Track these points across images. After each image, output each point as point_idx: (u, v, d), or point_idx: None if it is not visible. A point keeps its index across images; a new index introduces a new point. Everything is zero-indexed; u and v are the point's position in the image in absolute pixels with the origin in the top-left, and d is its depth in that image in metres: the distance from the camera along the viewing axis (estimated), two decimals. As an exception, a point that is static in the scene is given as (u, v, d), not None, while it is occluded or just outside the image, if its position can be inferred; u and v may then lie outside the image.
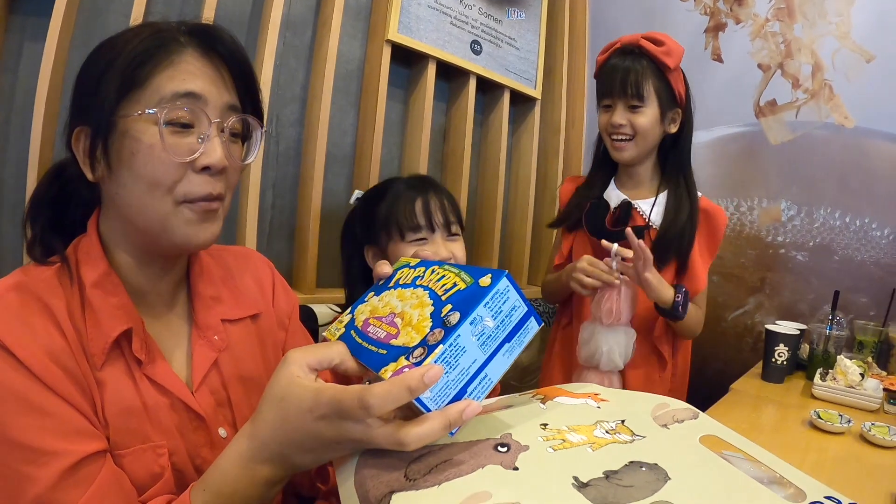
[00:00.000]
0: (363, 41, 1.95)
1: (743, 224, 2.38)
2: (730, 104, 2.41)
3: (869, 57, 2.15)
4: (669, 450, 0.58)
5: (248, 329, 0.92)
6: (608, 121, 1.59)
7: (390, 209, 1.28)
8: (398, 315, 0.65)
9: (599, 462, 0.54)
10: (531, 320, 0.61)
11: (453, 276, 0.65)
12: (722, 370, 2.31)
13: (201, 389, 0.82)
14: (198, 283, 0.88)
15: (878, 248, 2.15)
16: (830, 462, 1.26)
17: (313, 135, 1.75)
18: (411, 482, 0.53)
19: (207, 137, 0.74)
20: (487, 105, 2.41)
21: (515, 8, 2.34)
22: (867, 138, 2.17)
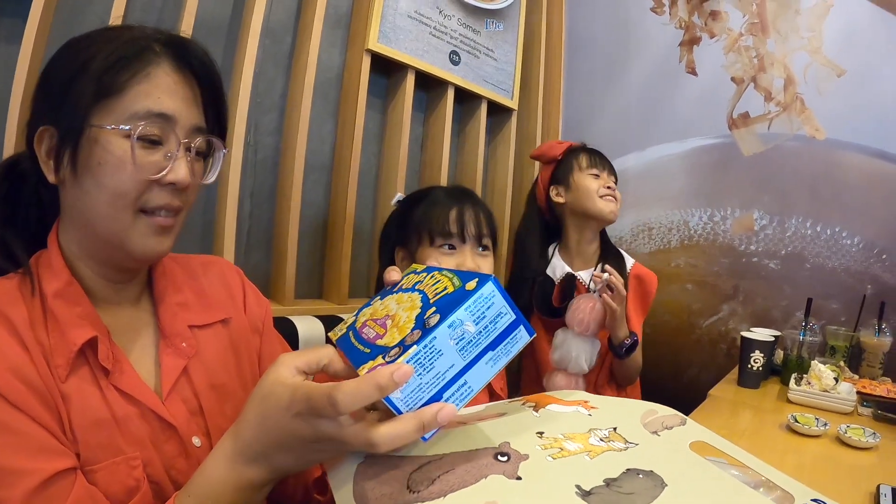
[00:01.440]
0: (342, 50, 1.95)
1: (716, 233, 2.43)
2: (703, 116, 2.46)
3: (840, 71, 2.22)
4: (662, 456, 0.59)
5: (218, 334, 0.91)
6: (602, 184, 1.87)
7: (426, 213, 1.31)
8: (391, 317, 0.65)
9: (598, 470, 0.55)
10: (520, 329, 0.59)
11: (446, 281, 0.64)
12: (697, 376, 2.36)
13: (172, 398, 0.81)
14: (162, 290, 0.88)
15: (849, 255, 2.21)
16: (810, 464, 1.29)
17: (292, 144, 1.75)
18: (415, 494, 0.53)
19: (175, 156, 0.76)
20: (465, 115, 2.43)
21: (494, 19, 2.37)
22: (837, 150, 2.24)
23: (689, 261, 2.48)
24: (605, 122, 2.70)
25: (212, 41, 1.63)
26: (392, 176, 2.05)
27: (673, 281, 2.50)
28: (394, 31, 1.96)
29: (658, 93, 2.57)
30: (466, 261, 1.28)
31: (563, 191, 1.90)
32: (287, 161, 1.76)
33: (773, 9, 2.32)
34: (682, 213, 2.49)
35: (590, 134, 2.65)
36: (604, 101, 2.71)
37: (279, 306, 1.70)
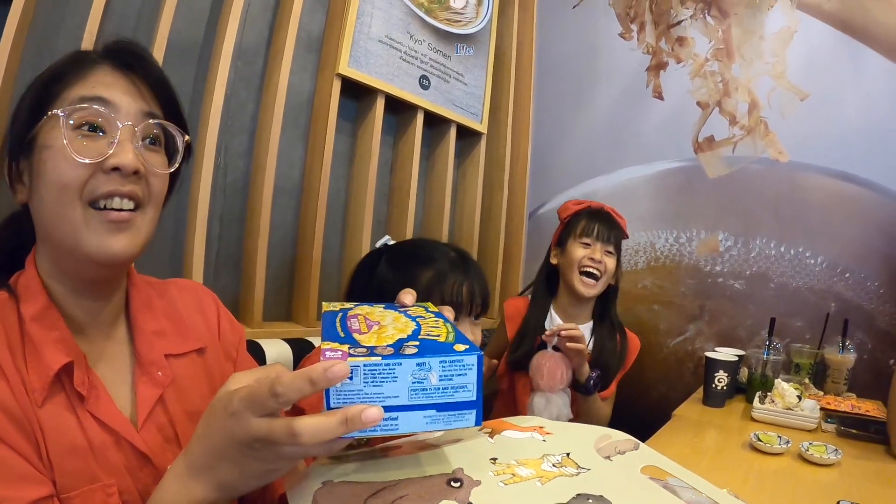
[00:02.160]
0: (313, 73, 2.00)
1: (682, 255, 2.50)
2: (669, 140, 2.54)
3: (803, 95, 2.31)
4: (613, 481, 0.62)
5: (193, 363, 0.91)
6: (588, 255, 1.88)
7: (437, 282, 1.30)
8: (380, 325, 0.68)
9: (549, 495, 0.58)
10: (472, 412, 0.59)
11: (444, 331, 0.67)
12: (665, 394, 2.41)
13: (147, 427, 0.81)
14: (138, 317, 0.88)
15: (812, 275, 2.29)
16: (771, 482, 1.32)
17: (262, 167, 1.78)
18: None
19: (118, 141, 0.75)
20: (434, 139, 2.48)
21: (464, 44, 2.43)
22: (800, 172, 2.32)
23: (656, 282, 2.55)
24: (573, 145, 2.77)
25: (184, 63, 1.68)
26: (361, 199, 2.09)
27: (640, 301, 2.56)
28: (364, 55, 2.01)
29: (625, 117, 2.65)
30: (465, 332, 1.30)
31: (559, 253, 1.96)
32: (256, 184, 1.79)
33: (738, 35, 2.42)
34: (649, 235, 2.56)
35: (559, 157, 2.74)
36: (573, 125, 2.78)
37: (248, 329, 1.71)
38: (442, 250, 1.40)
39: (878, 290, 2.19)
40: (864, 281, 2.22)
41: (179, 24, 1.61)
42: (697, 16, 2.50)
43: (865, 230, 2.22)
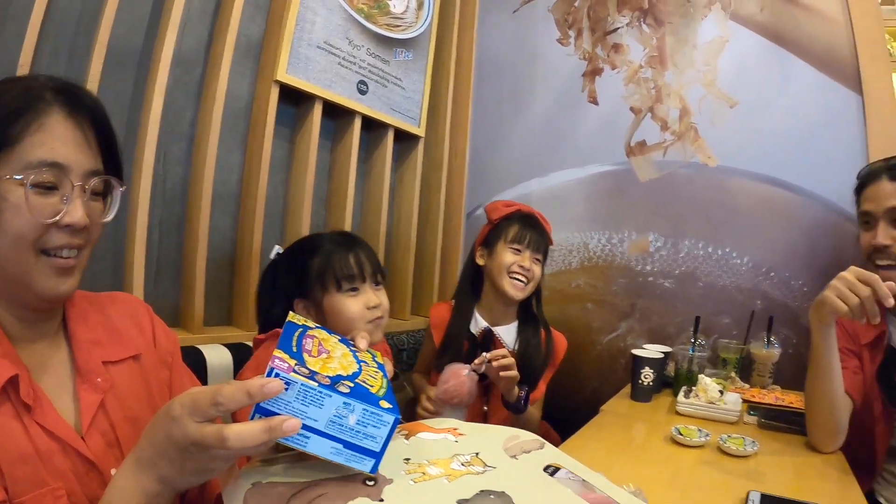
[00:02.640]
0: (252, 80, 2.04)
1: (614, 255, 2.63)
2: (603, 144, 2.66)
3: (732, 103, 2.45)
4: (516, 478, 0.72)
5: (131, 369, 0.98)
6: (518, 262, 1.96)
7: (326, 263, 1.45)
8: (329, 355, 0.77)
9: (454, 492, 0.67)
10: (371, 461, 0.69)
11: (378, 384, 0.76)
12: (599, 389, 2.52)
13: (91, 432, 0.87)
14: (75, 329, 0.94)
15: (738, 274, 2.44)
16: (688, 473, 1.40)
17: (200, 173, 1.82)
18: None
19: (70, 199, 0.83)
20: (372, 143, 2.54)
21: (403, 49, 2.50)
22: (728, 176, 2.47)
23: (589, 281, 2.67)
24: (510, 148, 2.87)
25: (123, 70, 1.71)
26: (299, 204, 2.14)
27: (574, 300, 2.69)
28: (303, 61, 2.06)
29: (561, 120, 2.76)
30: (371, 298, 1.46)
31: (486, 254, 2.03)
32: (195, 190, 1.83)
33: (672, 43, 2.55)
34: (582, 236, 2.68)
35: (496, 159, 2.83)
36: (510, 128, 2.88)
37: (188, 335, 1.77)
38: (326, 237, 1.54)
39: (801, 288, 2.35)
40: (789, 280, 2.37)
41: (119, 29, 1.64)
42: (633, 24, 2.62)
43: (790, 232, 2.38)
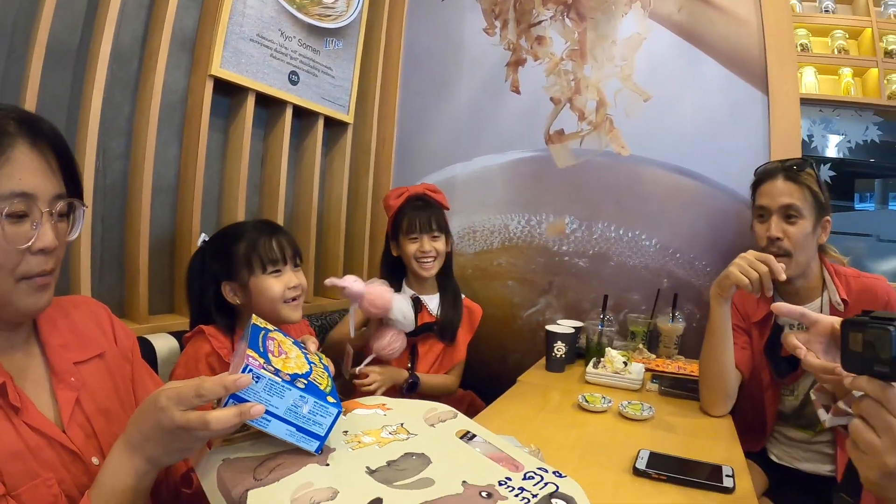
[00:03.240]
0: (187, 72, 2.11)
1: (533, 236, 2.86)
2: (523, 132, 2.87)
3: (646, 96, 2.69)
4: (433, 442, 0.91)
5: (97, 367, 1.11)
6: (418, 248, 2.19)
7: (252, 248, 1.64)
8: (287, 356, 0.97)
9: (384, 455, 0.86)
10: (317, 442, 0.88)
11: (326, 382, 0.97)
12: (520, 361, 2.72)
13: (71, 426, 1.00)
14: (46, 334, 1.06)
15: (647, 255, 2.71)
16: (591, 436, 1.59)
17: (139, 167, 1.90)
18: (259, 481, 0.79)
19: (40, 224, 0.93)
20: (303, 130, 2.66)
21: (334, 38, 2.60)
22: (640, 165, 2.72)
23: (510, 260, 2.90)
24: (436, 133, 3.03)
25: (61, 68, 1.75)
26: (234, 192, 2.25)
27: (496, 278, 2.91)
28: (236, 55, 2.15)
29: (485, 108, 2.94)
30: (291, 278, 1.67)
31: (396, 247, 2.26)
32: (135, 184, 1.91)
33: (593, 38, 2.76)
34: (503, 218, 2.90)
35: (423, 144, 3.00)
36: (436, 115, 3.03)
37: (135, 325, 1.87)
38: (250, 225, 1.74)
39: (705, 268, 2.63)
40: (693, 261, 2.65)
41: (56, 27, 1.67)
42: (557, 17, 2.81)
43: (695, 217, 2.65)
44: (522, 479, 0.81)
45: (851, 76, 2.87)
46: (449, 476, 0.80)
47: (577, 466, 1.39)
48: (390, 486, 0.77)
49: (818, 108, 2.85)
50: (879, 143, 2.83)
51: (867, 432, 0.80)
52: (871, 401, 0.80)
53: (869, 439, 0.79)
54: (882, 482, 0.80)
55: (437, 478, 0.80)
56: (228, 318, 1.67)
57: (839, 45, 2.91)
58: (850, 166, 2.99)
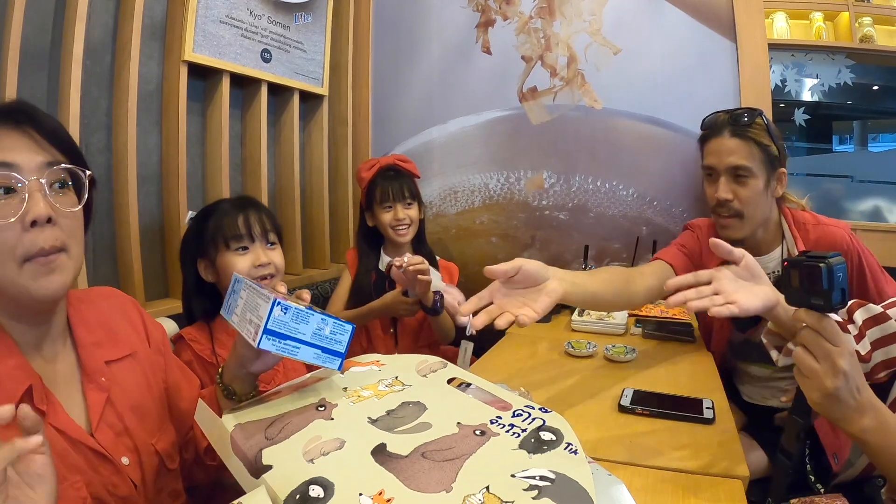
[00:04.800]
0: (160, 60, 2.15)
1: (512, 192, 2.98)
2: (497, 91, 2.95)
3: (616, 50, 2.78)
4: (427, 391, 0.99)
5: (130, 364, 1.11)
6: (393, 217, 2.29)
7: (217, 224, 1.62)
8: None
9: (383, 406, 0.94)
10: (339, 359, 0.99)
11: None
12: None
13: (100, 427, 1.00)
14: (79, 332, 1.05)
15: (625, 204, 2.83)
16: (577, 378, 1.68)
17: (122, 159, 1.96)
18: (270, 440, 0.82)
19: (29, 196, 0.88)
20: (279, 107, 2.73)
21: (302, 12, 2.65)
22: (613, 117, 2.83)
23: (492, 217, 3.02)
24: (410, 98, 3.10)
25: (35, 70, 1.78)
26: (216, 174, 2.33)
27: (479, 236, 3.03)
28: (206, 38, 2.20)
29: (457, 71, 3.02)
30: (260, 256, 1.62)
31: (371, 217, 2.36)
32: (120, 176, 1.98)
33: (561, -5, 2.81)
34: (483, 177, 3.00)
35: (398, 110, 3.08)
36: (409, 80, 3.10)
37: (133, 312, 1.96)
38: (226, 201, 1.73)
39: (681, 214, 2.76)
40: (670, 207, 2.77)
41: (26, 30, 1.68)
42: (524, -24, 2.86)
43: (670, 165, 2.76)
44: (512, 417, 0.90)
45: (822, 20, 2.91)
46: (444, 419, 0.88)
47: (565, 407, 1.46)
48: (392, 432, 0.85)
49: (790, 53, 2.92)
50: (853, 85, 2.90)
51: (808, 358, 0.92)
52: (809, 330, 0.92)
53: (810, 364, 0.92)
54: (824, 402, 0.92)
55: (434, 421, 0.88)
56: (208, 298, 1.67)
57: (810, -10, 2.96)
58: (826, 109, 3.07)
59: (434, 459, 0.78)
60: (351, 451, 0.80)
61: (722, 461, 1.19)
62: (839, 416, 0.93)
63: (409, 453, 0.79)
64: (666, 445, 1.26)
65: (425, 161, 2.99)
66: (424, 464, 0.77)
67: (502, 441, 0.83)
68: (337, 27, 2.94)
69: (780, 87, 2.89)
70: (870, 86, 3.05)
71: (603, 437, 1.31)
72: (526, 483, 0.73)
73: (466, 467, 0.76)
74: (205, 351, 1.58)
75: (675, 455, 1.22)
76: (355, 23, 3.06)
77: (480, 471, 0.76)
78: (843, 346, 0.90)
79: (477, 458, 0.78)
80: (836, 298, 0.89)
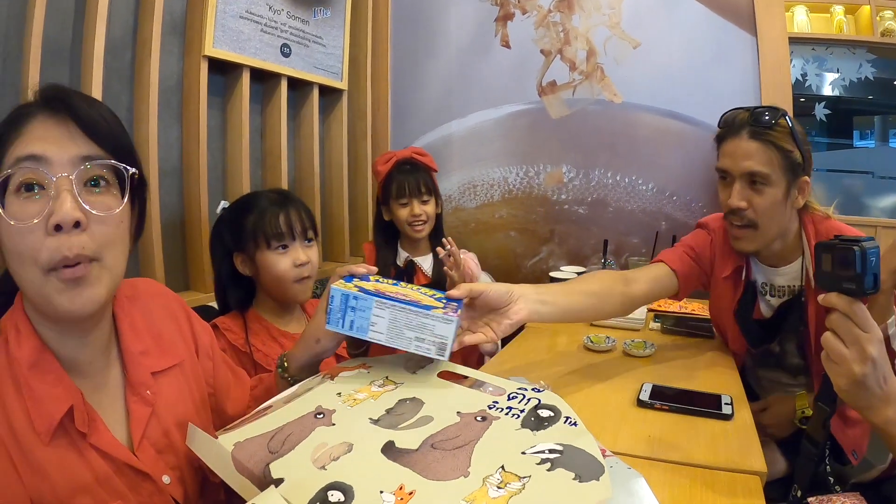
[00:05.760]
0: (180, 56, 2.19)
1: (532, 186, 2.99)
2: (516, 85, 2.97)
3: (635, 44, 2.78)
4: (420, 386, 1.01)
5: (176, 377, 1.04)
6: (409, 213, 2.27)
7: (258, 222, 1.63)
8: (402, 293, 1.11)
9: (381, 405, 0.94)
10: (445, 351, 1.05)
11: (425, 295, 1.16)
12: (525, 308, 2.88)
13: (143, 445, 0.92)
14: (126, 340, 0.97)
15: (644, 199, 2.83)
16: (596, 372, 1.67)
17: (144, 154, 1.98)
18: (275, 454, 0.80)
19: (55, 195, 0.78)
20: (299, 101, 2.76)
21: (321, 7, 2.68)
22: (632, 111, 2.84)
23: (511, 212, 3.04)
24: (429, 92, 3.13)
25: (57, 67, 1.81)
26: (237, 168, 2.36)
27: (498, 230, 3.05)
28: (227, 33, 2.24)
29: (476, 65, 3.03)
30: (299, 255, 1.65)
31: (387, 211, 2.35)
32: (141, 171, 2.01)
33: (580, -12, 2.82)
34: (502, 171, 3.02)
35: (417, 104, 3.10)
36: (428, 74, 3.12)
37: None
38: (263, 195, 1.73)
39: (701, 209, 2.76)
40: (690, 203, 2.77)
41: (47, 27, 1.72)
42: (543, -31, 2.87)
43: (689, 159, 2.76)
44: (508, 400, 0.93)
45: (843, 13, 2.90)
46: (444, 410, 0.91)
47: (585, 402, 1.46)
48: (396, 429, 0.86)
49: (811, 47, 2.91)
50: (874, 80, 2.89)
51: (837, 343, 0.92)
52: (839, 315, 0.92)
53: (839, 349, 0.92)
54: (850, 389, 0.92)
55: (435, 414, 0.90)
56: (244, 289, 1.70)
57: (831, -17, 2.95)
58: (847, 104, 3.04)
59: (444, 448, 0.80)
60: (361, 453, 0.81)
61: (739, 456, 1.19)
62: (865, 404, 0.94)
63: (419, 446, 0.81)
64: (684, 440, 1.27)
65: (444, 155, 3.01)
66: (436, 454, 0.79)
67: (504, 423, 0.87)
68: (356, 22, 2.97)
69: (800, 82, 2.89)
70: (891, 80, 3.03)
71: (622, 431, 1.32)
72: (537, 458, 0.77)
73: (477, 451, 0.79)
74: (238, 340, 1.61)
75: (693, 450, 1.22)
76: (374, 17, 3.09)
77: (491, 453, 0.79)
78: (873, 333, 0.90)
79: (485, 442, 0.81)
80: (869, 283, 0.89)
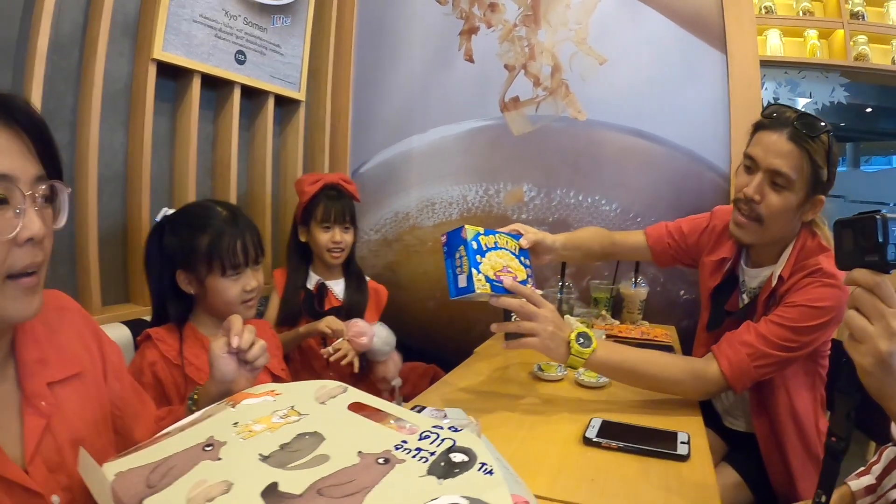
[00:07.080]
0: (130, 58, 2.14)
1: (491, 205, 2.97)
2: (478, 100, 2.95)
3: (602, 60, 2.78)
4: (325, 419, 0.94)
5: (75, 388, 1.01)
6: (330, 238, 2.33)
7: (214, 246, 1.62)
8: (508, 266, 1.47)
9: (277, 440, 0.88)
10: None
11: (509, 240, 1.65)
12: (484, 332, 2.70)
13: (35, 462, 0.90)
14: (22, 349, 0.96)
15: (607, 220, 2.82)
16: (544, 404, 1.64)
17: (84, 158, 1.95)
18: (152, 488, 0.76)
19: (23, 211, 0.83)
20: (253, 111, 2.72)
21: (281, 15, 2.65)
22: (597, 129, 2.83)
23: (470, 231, 2.97)
24: (391, 106, 3.10)
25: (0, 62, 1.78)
26: (184, 177, 2.31)
27: (457, 249, 2.98)
28: (179, 36, 2.20)
29: (439, 78, 3.02)
30: (250, 281, 1.67)
31: (305, 231, 2.37)
32: (81, 175, 1.96)
33: (546, 2, 2.85)
34: (461, 189, 3.00)
35: (377, 117, 3.07)
36: (390, 87, 3.10)
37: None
38: (214, 213, 1.70)
39: (667, 231, 2.72)
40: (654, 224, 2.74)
41: None
42: (510, -17, 2.87)
43: (654, 180, 2.75)
44: (419, 440, 0.86)
45: (817, 38, 2.94)
46: (344, 449, 0.84)
47: (525, 438, 1.40)
48: (285, 469, 0.80)
49: (783, 70, 2.94)
50: (847, 104, 2.93)
51: (861, 320, 0.88)
52: (863, 291, 0.88)
53: (862, 325, 0.88)
54: (875, 371, 0.87)
55: (332, 453, 0.84)
56: (184, 304, 1.68)
57: (804, 7, 2.98)
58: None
59: (332, 496, 0.74)
60: (238, 495, 0.76)
61: (695, 502, 1.14)
62: (891, 391, 0.89)
63: (304, 491, 0.75)
64: (633, 484, 1.20)
65: (403, 171, 3.01)
66: (321, 501, 0.74)
67: (409, 468, 0.80)
68: (318, 31, 2.94)
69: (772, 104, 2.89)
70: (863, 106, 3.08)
71: (562, 473, 1.24)
72: (437, 513, 0.70)
73: (368, 501, 0.73)
74: (171, 352, 1.59)
75: (643, 495, 1.16)
76: (338, 27, 3.06)
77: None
78: None
79: (381, 490, 0.75)
80: (892, 253, 0.86)
